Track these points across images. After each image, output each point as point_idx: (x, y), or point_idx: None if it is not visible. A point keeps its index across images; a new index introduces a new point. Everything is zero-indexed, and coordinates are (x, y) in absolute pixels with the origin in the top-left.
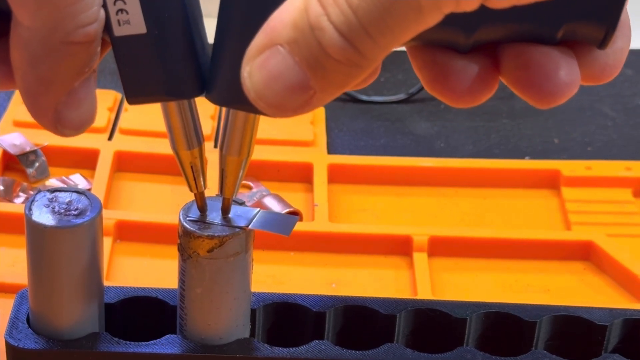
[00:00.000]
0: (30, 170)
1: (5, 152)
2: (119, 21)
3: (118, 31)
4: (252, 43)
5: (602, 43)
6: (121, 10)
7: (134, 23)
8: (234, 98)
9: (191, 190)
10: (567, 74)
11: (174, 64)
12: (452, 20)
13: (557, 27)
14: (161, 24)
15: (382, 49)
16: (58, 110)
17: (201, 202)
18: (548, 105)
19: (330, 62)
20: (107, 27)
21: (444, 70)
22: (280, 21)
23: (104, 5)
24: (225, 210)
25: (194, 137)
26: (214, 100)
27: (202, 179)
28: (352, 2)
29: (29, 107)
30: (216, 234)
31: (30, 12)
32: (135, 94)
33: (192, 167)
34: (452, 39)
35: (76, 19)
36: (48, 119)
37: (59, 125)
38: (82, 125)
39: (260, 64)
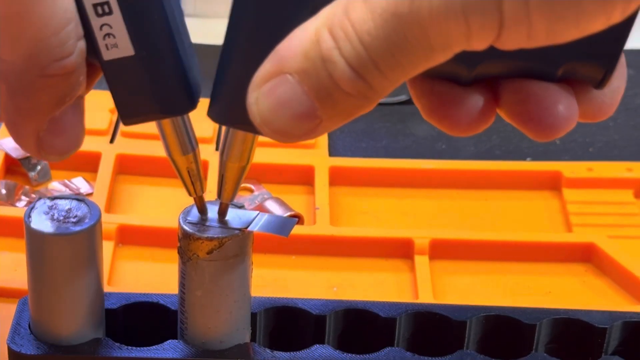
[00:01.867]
0: (32, 174)
1: (7, 156)
2: (106, 45)
3: (107, 55)
4: (260, 70)
5: (601, 83)
6: (108, 34)
7: (121, 46)
8: (236, 118)
9: (190, 195)
10: (566, 108)
11: (164, 82)
12: (456, 56)
13: (557, 65)
14: (148, 44)
15: (391, 82)
16: (40, 137)
17: (201, 205)
18: (546, 138)
19: (340, 94)
20: (96, 52)
21: (443, 101)
22: (290, 50)
23: (89, 32)
24: (221, 214)
25: (187, 142)
26: (216, 119)
27: (199, 183)
28: (363, 39)
29: (11, 134)
30: (215, 236)
31: (7, 47)
32: (129, 115)
33: (188, 171)
34: (454, 72)
35: (52, 53)
36: (30, 146)
37: (42, 152)
38: (65, 151)
39: (268, 91)
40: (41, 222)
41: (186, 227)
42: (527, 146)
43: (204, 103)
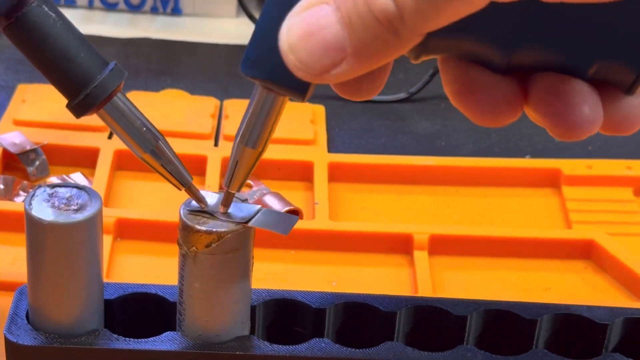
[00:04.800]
0: (30, 169)
1: (5, 151)
2: None
3: None
4: (301, 1)
5: (630, 88)
6: None
7: None
8: (264, 72)
9: (178, 189)
10: (591, 111)
11: None
12: (492, 37)
13: (590, 62)
14: None
15: (424, 21)
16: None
17: (195, 196)
18: (568, 137)
19: (372, 22)
20: None
21: (473, 85)
22: None
23: None
24: (225, 204)
25: (146, 138)
26: (245, 71)
27: (182, 173)
28: None
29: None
30: (214, 230)
31: None
32: None
33: (162, 166)
34: (489, 57)
35: None
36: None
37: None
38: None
39: (303, 18)
40: (42, 210)
41: (186, 219)
42: (525, 144)
43: (202, 100)
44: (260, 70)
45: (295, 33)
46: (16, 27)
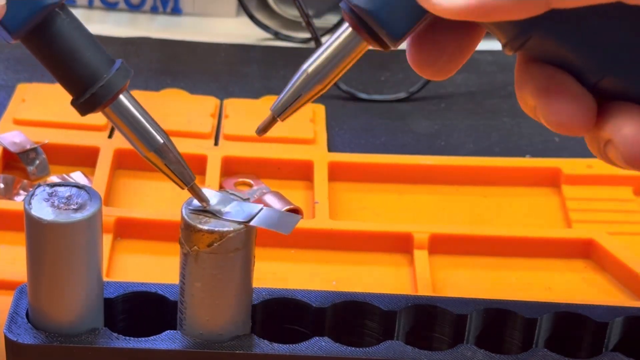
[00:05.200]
0: (30, 168)
1: (5, 150)
2: None
3: None
4: None
5: None
6: None
7: None
8: (370, 3)
9: (181, 188)
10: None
11: None
12: (596, 55)
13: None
14: None
15: None
16: None
17: (197, 195)
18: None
19: None
20: None
21: (559, 89)
22: None
23: None
24: (264, 129)
25: (151, 137)
26: None
27: (185, 173)
28: None
29: None
30: (216, 229)
31: None
32: None
33: (167, 165)
34: (580, 71)
35: None
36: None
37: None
38: None
39: None
40: (41, 209)
41: (187, 218)
42: (526, 144)
43: (202, 100)
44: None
45: None
46: None
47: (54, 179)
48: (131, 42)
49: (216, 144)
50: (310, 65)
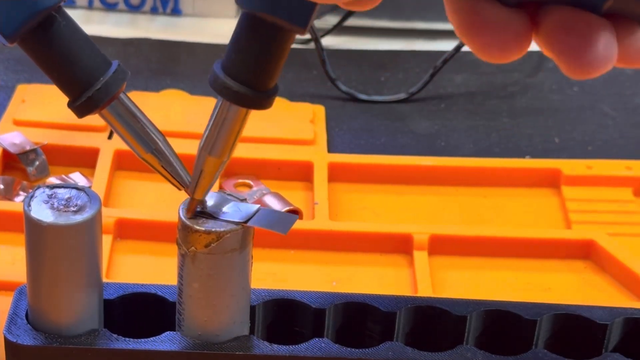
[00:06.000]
0: (30, 169)
1: (5, 151)
2: None
3: None
4: None
5: None
6: None
7: None
8: (265, 2)
9: (178, 189)
10: (606, 47)
11: None
12: None
13: None
14: None
15: None
16: None
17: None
18: (582, 75)
19: None
20: None
21: (482, 21)
22: None
23: None
24: (190, 209)
25: (148, 138)
26: (242, 3)
27: (182, 175)
28: None
29: None
30: (213, 229)
31: None
32: None
33: (163, 166)
34: None
35: None
36: None
37: None
38: None
39: None
40: (41, 211)
41: (185, 219)
42: (526, 144)
43: (203, 100)
44: (260, 2)
45: None
46: None
47: (53, 180)
48: (131, 43)
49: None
50: (202, 141)
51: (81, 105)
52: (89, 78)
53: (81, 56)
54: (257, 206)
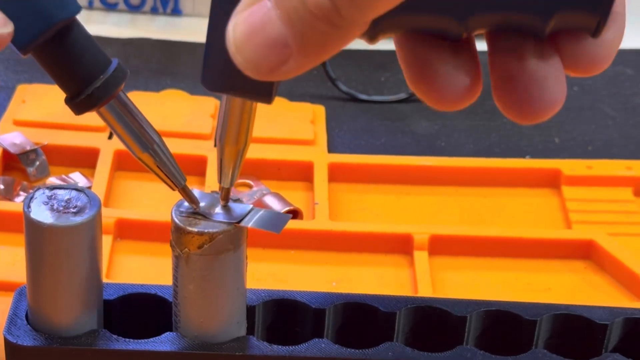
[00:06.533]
0: (30, 169)
1: (5, 151)
2: None
3: None
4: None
5: (596, 31)
6: None
7: None
8: (225, 84)
9: (172, 189)
10: (554, 90)
11: None
12: (444, 8)
13: (549, 16)
14: None
15: (361, 11)
16: None
17: (188, 197)
18: (528, 122)
19: (309, 17)
20: None
21: (431, 73)
22: None
23: None
24: (224, 198)
25: (144, 138)
26: (207, 86)
27: (176, 175)
28: None
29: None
30: (206, 230)
31: None
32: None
33: (158, 166)
34: (444, 28)
35: None
36: None
37: None
38: None
39: (245, 16)
40: (40, 213)
41: (177, 221)
42: (526, 144)
43: (202, 100)
44: (220, 83)
45: (239, 32)
46: None
47: (53, 180)
48: (131, 43)
49: (216, 145)
50: (217, 132)
51: (80, 102)
52: (90, 76)
53: (84, 54)
54: (250, 206)
